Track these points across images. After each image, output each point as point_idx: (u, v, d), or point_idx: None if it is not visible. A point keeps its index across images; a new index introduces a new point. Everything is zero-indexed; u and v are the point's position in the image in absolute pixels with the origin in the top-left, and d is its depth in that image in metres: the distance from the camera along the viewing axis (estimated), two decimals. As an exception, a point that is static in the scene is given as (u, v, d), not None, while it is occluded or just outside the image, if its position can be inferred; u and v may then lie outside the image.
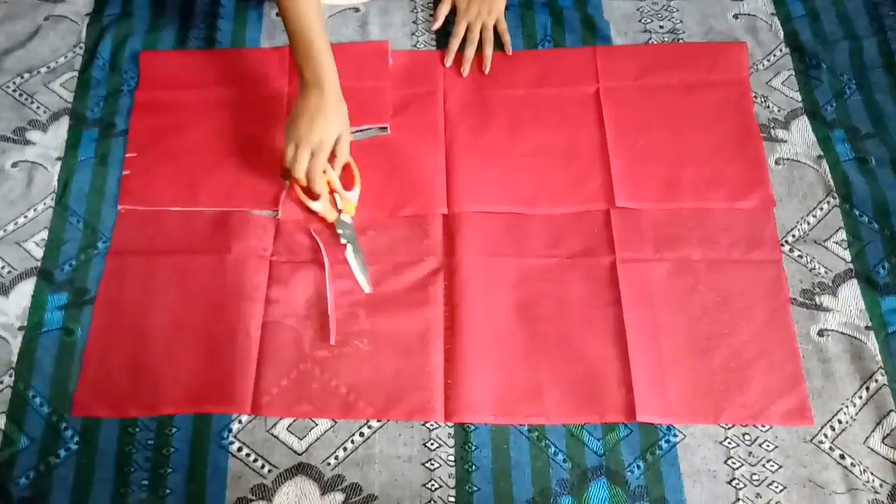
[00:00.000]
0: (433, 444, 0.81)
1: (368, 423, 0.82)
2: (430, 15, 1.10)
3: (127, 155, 0.99)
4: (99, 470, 0.81)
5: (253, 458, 0.81)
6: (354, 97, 0.92)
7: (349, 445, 0.81)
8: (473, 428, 0.82)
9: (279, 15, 0.90)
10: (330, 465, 0.81)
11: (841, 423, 0.81)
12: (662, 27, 1.08)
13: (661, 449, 0.80)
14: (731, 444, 0.80)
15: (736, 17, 1.09)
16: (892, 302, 0.87)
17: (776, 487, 0.78)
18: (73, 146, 1.00)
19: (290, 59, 1.04)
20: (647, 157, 0.96)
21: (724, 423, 0.81)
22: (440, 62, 1.05)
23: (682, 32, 1.07)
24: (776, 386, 0.82)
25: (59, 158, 0.99)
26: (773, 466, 0.79)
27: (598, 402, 0.82)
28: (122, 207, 0.95)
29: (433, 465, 0.80)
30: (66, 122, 1.02)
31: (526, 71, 1.04)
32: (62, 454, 0.81)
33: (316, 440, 0.82)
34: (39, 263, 0.92)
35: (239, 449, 0.81)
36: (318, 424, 0.82)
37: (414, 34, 1.09)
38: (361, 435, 0.82)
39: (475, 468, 0.80)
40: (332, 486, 0.80)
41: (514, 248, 0.91)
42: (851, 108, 1.00)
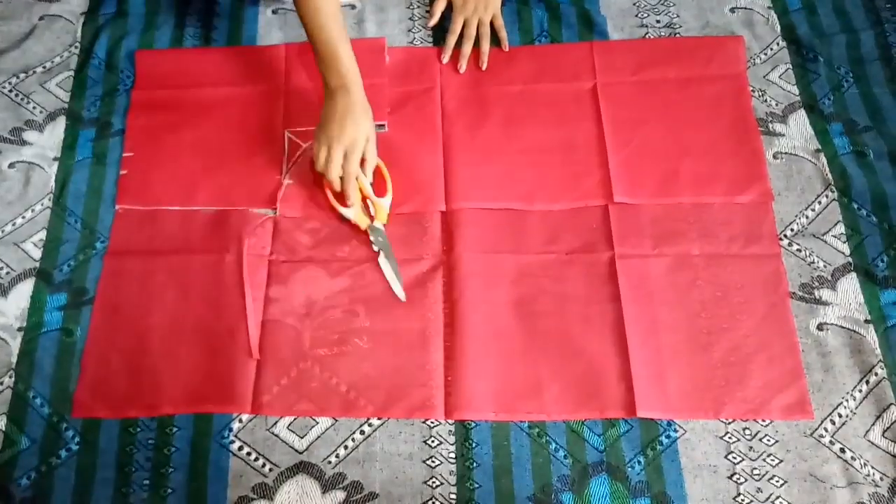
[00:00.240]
0: (434, 441, 0.81)
1: (369, 420, 0.82)
2: (426, 11, 1.10)
3: (124, 154, 0.98)
4: (100, 470, 0.81)
5: (254, 456, 0.81)
6: (352, 95, 0.92)
7: (350, 443, 0.81)
8: (474, 425, 0.82)
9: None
10: (331, 463, 0.81)
11: (841, 416, 0.81)
12: (659, 22, 1.08)
13: (661, 444, 0.81)
14: (731, 438, 0.81)
15: (733, 10, 1.08)
16: (891, 295, 0.87)
17: (777, 482, 0.78)
18: (69, 146, 0.99)
19: (286, 56, 1.04)
20: (644, 152, 0.96)
21: (724, 417, 0.81)
22: (437, 59, 1.05)
23: (678, 27, 1.07)
24: (776, 380, 0.82)
25: (55, 159, 0.99)
26: (773, 461, 0.79)
27: (597, 397, 0.82)
28: (119, 207, 0.95)
29: (434, 462, 0.80)
30: (62, 121, 1.01)
31: (523, 67, 1.04)
32: (63, 454, 0.81)
33: (316, 438, 0.82)
34: (38, 264, 0.92)
35: (240, 448, 0.81)
36: (318, 423, 0.82)
37: (410, 31, 1.08)
38: (362, 433, 0.82)
39: (476, 465, 0.80)
40: (333, 484, 0.80)
41: (512, 244, 0.91)
42: (849, 101, 1.00)
